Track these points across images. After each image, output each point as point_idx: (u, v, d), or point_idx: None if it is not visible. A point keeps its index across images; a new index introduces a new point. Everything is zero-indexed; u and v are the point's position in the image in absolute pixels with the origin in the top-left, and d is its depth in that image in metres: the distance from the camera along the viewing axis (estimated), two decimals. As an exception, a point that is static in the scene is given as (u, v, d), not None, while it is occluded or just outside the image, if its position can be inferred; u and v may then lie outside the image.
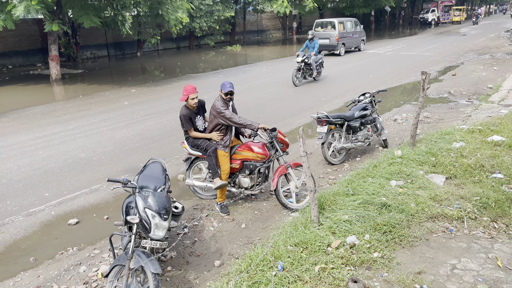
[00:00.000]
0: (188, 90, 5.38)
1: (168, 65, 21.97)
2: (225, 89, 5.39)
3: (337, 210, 4.90)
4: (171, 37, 28.28)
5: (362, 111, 7.41)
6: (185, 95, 5.37)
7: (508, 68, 15.77)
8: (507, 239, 4.26)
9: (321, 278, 3.72)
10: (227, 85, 5.43)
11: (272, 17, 40.58)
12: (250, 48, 30.39)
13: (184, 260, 4.54)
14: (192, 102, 5.39)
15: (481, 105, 10.24)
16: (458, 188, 5.35)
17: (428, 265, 3.88)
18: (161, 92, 14.07)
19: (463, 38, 29.20)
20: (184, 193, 6.37)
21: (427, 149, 6.61)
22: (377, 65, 18.31)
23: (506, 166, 5.84)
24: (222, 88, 5.46)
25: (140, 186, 4.07)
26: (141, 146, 8.33)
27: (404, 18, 52.67)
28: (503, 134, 7.18)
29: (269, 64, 20.59)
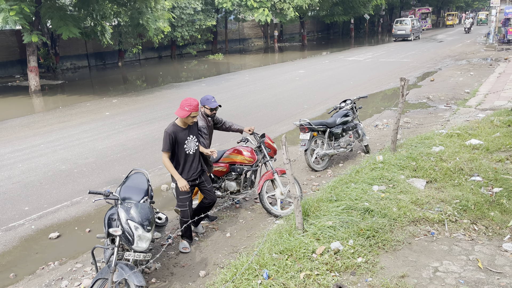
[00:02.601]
0: (192, 105, 4.41)
1: (150, 75, 21.85)
2: (212, 104, 4.96)
3: (321, 216, 4.92)
4: (153, 47, 28.16)
5: (344, 118, 7.50)
6: (187, 111, 4.40)
7: (484, 73, 16.20)
8: (487, 241, 4.35)
9: (306, 285, 3.73)
10: (211, 99, 5.00)
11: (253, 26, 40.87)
12: (232, 56, 30.49)
13: (169, 272, 4.49)
14: (191, 121, 4.56)
15: (459, 109, 10.48)
16: (439, 192, 5.45)
17: (411, 269, 3.93)
18: (143, 101, 13.98)
19: (440, 44, 29.91)
20: (168, 203, 6.32)
21: (407, 154, 6.73)
22: (357, 72, 18.58)
23: (484, 169, 5.98)
24: (206, 103, 4.98)
25: (122, 197, 4.03)
26: (123, 157, 8.24)
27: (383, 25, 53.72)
28: (481, 138, 7.36)
29: (251, 72, 20.68)
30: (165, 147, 4.50)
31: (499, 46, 25.46)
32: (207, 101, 5.01)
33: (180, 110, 4.45)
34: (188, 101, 4.44)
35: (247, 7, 28.36)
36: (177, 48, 30.98)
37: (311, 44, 38.14)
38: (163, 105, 13.11)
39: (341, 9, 36.10)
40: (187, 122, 4.56)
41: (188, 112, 4.42)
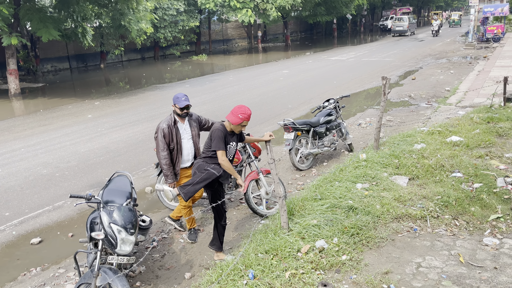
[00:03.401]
0: (246, 114, 4.27)
1: (133, 76, 21.65)
2: (180, 103, 4.65)
3: (306, 215, 4.94)
4: (136, 48, 27.92)
5: (327, 117, 7.56)
6: (240, 119, 4.26)
7: (464, 71, 16.51)
8: (468, 236, 4.44)
9: (292, 284, 3.74)
10: (181, 98, 4.69)
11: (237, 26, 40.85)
12: (216, 57, 30.42)
13: (154, 274, 4.46)
14: (239, 130, 4.42)
15: (439, 107, 10.66)
16: (421, 188, 5.54)
17: (394, 265, 3.98)
18: (126, 103, 13.83)
19: (421, 43, 30.36)
20: (152, 206, 6.26)
21: (390, 152, 6.81)
22: (340, 72, 18.74)
23: (464, 165, 6.09)
24: (175, 101, 4.70)
25: (105, 201, 3.97)
26: (106, 160, 8.14)
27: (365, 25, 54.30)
28: (461, 135, 7.50)
29: (235, 73, 20.67)
30: (221, 146, 4.28)
31: (478, 44, 25.99)
32: (176, 99, 4.77)
33: (232, 115, 4.27)
34: (242, 108, 4.27)
35: (230, 7, 28.34)
36: (160, 49, 30.76)
37: (295, 44, 38.31)
38: (147, 107, 12.99)
39: (324, 9, 36.35)
40: (234, 130, 4.40)
41: (241, 120, 4.26)
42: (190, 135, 4.92)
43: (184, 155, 4.86)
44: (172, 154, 4.76)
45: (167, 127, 4.68)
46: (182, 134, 4.83)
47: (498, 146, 7.00)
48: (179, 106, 4.65)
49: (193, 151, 4.97)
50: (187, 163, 4.93)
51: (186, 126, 4.91)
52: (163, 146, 4.67)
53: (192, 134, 4.92)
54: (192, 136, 4.93)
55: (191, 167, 4.88)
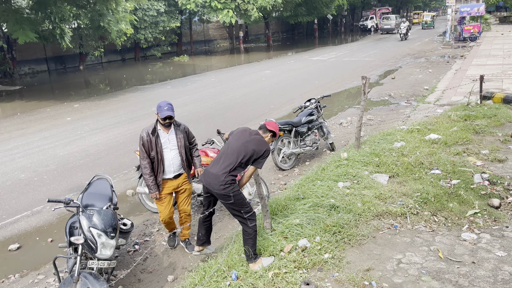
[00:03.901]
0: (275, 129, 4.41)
1: (113, 78, 21.38)
2: (162, 113, 4.37)
3: (288, 215, 4.97)
4: (116, 49, 27.58)
5: (309, 117, 7.60)
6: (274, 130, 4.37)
7: (441, 70, 16.84)
8: (446, 231, 4.53)
9: (275, 283, 3.75)
10: (164, 107, 4.39)
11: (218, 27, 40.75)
12: (198, 58, 30.29)
13: (136, 278, 4.41)
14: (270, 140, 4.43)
15: (418, 106, 10.85)
16: (401, 186, 5.62)
17: (376, 262, 4.03)
18: (107, 105, 13.65)
19: (400, 43, 30.84)
20: (134, 209, 6.20)
21: (371, 150, 6.90)
22: (322, 72, 18.89)
23: (443, 162, 6.21)
24: (158, 110, 4.43)
25: (84, 204, 3.92)
26: (86, 163, 8.02)
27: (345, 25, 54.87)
28: (439, 132, 7.65)
29: (217, 73, 20.61)
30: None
31: (455, 44, 26.53)
32: (159, 108, 4.43)
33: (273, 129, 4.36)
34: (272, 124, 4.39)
35: (211, 8, 28.27)
36: (141, 50, 30.47)
37: (277, 44, 38.44)
38: (127, 109, 12.84)
39: (305, 9, 36.61)
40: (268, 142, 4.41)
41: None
42: (175, 146, 4.55)
43: (166, 166, 4.51)
44: (153, 164, 4.49)
45: (146, 135, 4.42)
46: (165, 143, 4.49)
47: (475, 143, 7.16)
48: (161, 116, 4.40)
49: (178, 162, 4.58)
50: (169, 175, 4.55)
51: (171, 136, 4.54)
52: (143, 154, 4.44)
53: (177, 145, 4.56)
54: (177, 146, 4.56)
55: (175, 179, 4.59)
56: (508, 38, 25.77)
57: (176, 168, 4.58)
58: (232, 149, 4.14)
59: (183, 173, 4.67)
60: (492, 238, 4.31)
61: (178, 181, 4.62)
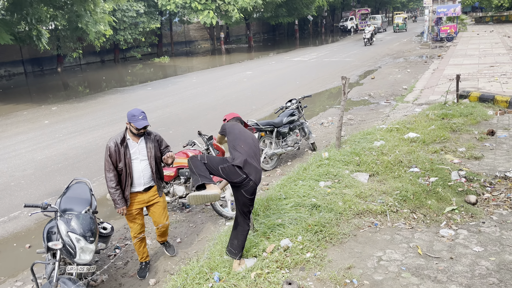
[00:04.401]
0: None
1: (92, 80, 21.06)
2: (137, 123, 4.01)
3: (270, 215, 4.98)
4: (94, 51, 27.18)
5: (290, 117, 7.64)
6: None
7: (420, 69, 17.15)
8: (425, 228, 4.61)
9: (257, 284, 3.75)
10: (138, 116, 4.03)
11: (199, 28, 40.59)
12: (179, 59, 30.10)
13: (117, 283, 4.35)
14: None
15: (397, 105, 11.02)
16: (381, 184, 5.70)
17: (357, 260, 4.07)
18: (86, 108, 13.43)
19: (379, 43, 31.28)
20: (115, 212, 6.10)
21: (351, 150, 6.97)
22: (303, 72, 19.01)
23: (421, 160, 6.32)
24: (131, 120, 4.05)
25: (63, 209, 3.85)
26: (65, 167, 7.87)
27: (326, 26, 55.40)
28: (418, 131, 7.78)
29: (199, 74, 20.53)
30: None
31: (432, 44, 27.07)
32: (132, 117, 4.05)
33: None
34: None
35: (191, 9, 28.14)
36: (121, 51, 30.11)
37: (258, 45, 38.51)
38: (107, 111, 12.67)
39: (285, 10, 36.80)
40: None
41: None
42: (145, 156, 4.19)
43: (135, 178, 4.17)
44: (120, 177, 4.14)
45: (114, 146, 4.06)
46: (134, 154, 4.14)
47: (452, 141, 7.32)
48: (136, 127, 4.02)
49: (149, 173, 4.24)
50: (138, 187, 4.21)
51: (141, 146, 4.19)
52: (109, 166, 4.07)
53: (147, 155, 4.20)
54: (147, 157, 4.20)
55: (145, 192, 4.26)
56: (484, 38, 26.44)
57: (147, 181, 4.24)
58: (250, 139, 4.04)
59: (154, 185, 4.32)
60: (469, 234, 4.40)
61: (149, 194, 4.28)
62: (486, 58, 17.44)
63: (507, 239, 4.24)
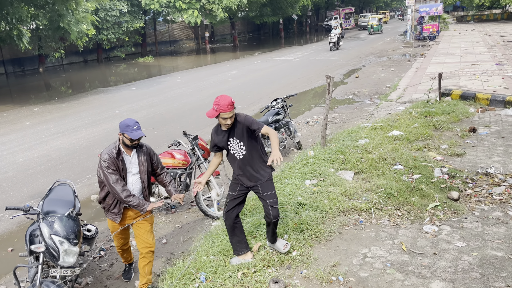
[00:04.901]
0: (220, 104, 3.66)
1: (75, 80, 20.76)
2: (132, 133, 3.74)
3: (257, 214, 4.99)
4: (77, 51, 26.80)
5: (275, 116, 7.66)
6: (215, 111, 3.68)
7: (403, 68, 17.36)
8: (409, 225, 4.67)
9: (244, 283, 3.75)
10: (132, 126, 3.76)
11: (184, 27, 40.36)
12: (163, 58, 29.88)
13: (102, 285, 4.30)
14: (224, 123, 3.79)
15: (381, 103, 11.14)
16: (365, 182, 5.76)
17: (342, 257, 4.11)
18: (68, 109, 13.24)
19: (363, 42, 31.59)
20: (99, 214, 6.04)
21: (336, 148, 7.02)
22: (288, 71, 19.06)
23: (405, 158, 6.41)
24: (124, 130, 3.77)
25: (45, 211, 3.78)
26: (48, 169, 7.74)
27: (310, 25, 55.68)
28: (401, 129, 7.89)
29: (184, 74, 20.41)
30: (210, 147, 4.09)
31: (415, 43, 27.44)
32: (126, 128, 3.77)
33: (211, 109, 3.70)
34: (218, 98, 3.65)
35: (175, 8, 27.96)
36: (104, 51, 29.74)
37: (243, 45, 38.48)
38: (90, 112, 12.51)
39: (270, 10, 36.85)
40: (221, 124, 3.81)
41: (217, 112, 3.65)
42: (137, 170, 3.95)
43: None
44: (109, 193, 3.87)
45: (109, 159, 3.78)
46: (128, 168, 3.91)
47: (435, 138, 7.43)
48: (131, 138, 3.76)
49: (139, 188, 3.97)
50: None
51: (133, 159, 3.95)
52: (114, 177, 3.76)
53: (139, 169, 3.95)
54: (139, 171, 3.95)
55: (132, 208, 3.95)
56: (465, 37, 26.91)
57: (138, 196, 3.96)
58: None
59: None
60: (452, 230, 4.48)
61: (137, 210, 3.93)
62: (468, 56, 17.76)
63: (489, 234, 4.33)
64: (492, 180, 5.58)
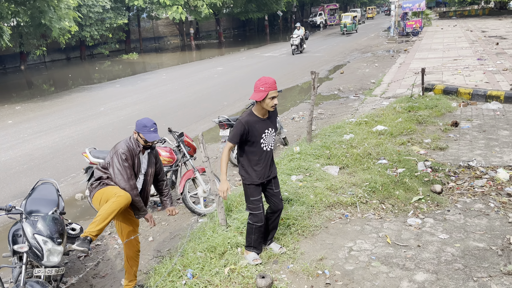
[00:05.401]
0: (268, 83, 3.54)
1: (58, 78, 20.43)
2: (148, 135, 3.67)
3: (243, 211, 4.99)
4: (60, 48, 26.36)
5: (261, 112, 7.66)
6: (263, 92, 3.52)
7: (387, 64, 17.54)
8: (393, 218, 4.74)
9: (231, 279, 3.76)
10: (149, 127, 3.68)
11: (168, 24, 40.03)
12: (148, 55, 29.60)
13: (88, 284, 4.27)
14: (271, 105, 3.59)
15: (366, 99, 11.24)
16: (350, 176, 5.82)
17: (328, 251, 4.15)
18: (51, 107, 13.03)
19: (348, 38, 31.78)
20: (84, 213, 5.98)
21: (322, 143, 7.07)
22: (274, 67, 19.08)
23: (389, 152, 6.48)
24: (141, 130, 3.70)
25: (28, 211, 3.73)
26: (31, 168, 7.62)
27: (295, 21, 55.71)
28: (385, 124, 7.97)
29: (168, 71, 20.27)
30: (232, 138, 3.65)
31: (399, 38, 27.73)
32: (143, 128, 3.68)
33: (255, 93, 3.55)
34: (262, 80, 3.52)
35: (159, 4, 27.71)
36: (87, 48, 29.33)
37: (228, 41, 38.35)
38: (74, 110, 12.33)
39: (255, 6, 36.79)
40: (266, 108, 3.61)
41: (265, 92, 3.49)
42: (145, 171, 3.90)
43: None
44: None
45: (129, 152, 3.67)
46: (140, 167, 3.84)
47: (418, 133, 7.54)
48: (148, 139, 3.67)
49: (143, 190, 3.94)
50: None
51: (144, 159, 3.88)
52: (130, 172, 3.64)
53: (147, 171, 3.90)
54: (146, 173, 3.90)
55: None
56: (448, 33, 27.29)
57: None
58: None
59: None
60: (435, 222, 4.56)
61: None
62: (450, 52, 18.02)
63: (471, 226, 4.42)
64: (474, 173, 5.70)
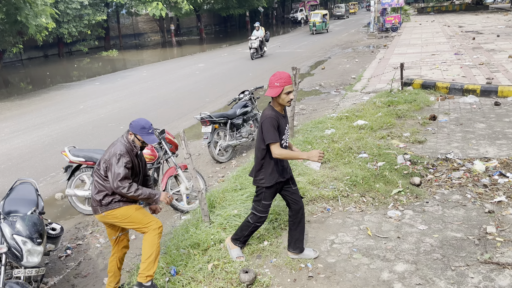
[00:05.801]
0: (283, 78, 3.45)
1: (35, 76, 20.00)
2: (148, 137, 3.55)
3: (226, 206, 5.01)
4: (37, 45, 25.79)
5: (243, 108, 7.68)
6: (279, 87, 3.45)
7: (367, 59, 17.73)
8: (374, 210, 4.83)
9: (215, 274, 3.78)
10: (147, 129, 3.55)
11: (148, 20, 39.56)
12: (128, 52, 29.21)
13: (69, 284, 4.22)
14: (287, 100, 3.52)
15: (347, 94, 11.36)
16: (332, 171, 5.89)
17: (311, 244, 4.20)
18: (29, 105, 12.76)
19: (328, 34, 31.95)
20: (65, 212, 5.90)
21: (304, 138, 7.13)
22: (256, 64, 19.07)
23: (369, 146, 6.58)
24: (139, 132, 3.53)
25: (7, 211, 3.66)
26: (9, 168, 7.46)
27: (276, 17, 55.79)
28: (366, 119, 8.08)
29: (149, 68, 20.06)
30: (272, 137, 3.44)
31: (379, 34, 28.04)
32: (141, 130, 3.53)
33: (270, 89, 3.47)
34: (276, 75, 3.44)
35: (139, 0, 27.34)
36: (65, 45, 28.77)
37: (209, 37, 38.14)
38: (52, 108, 12.10)
39: (236, 2, 36.65)
40: (283, 104, 3.53)
41: (280, 87, 3.41)
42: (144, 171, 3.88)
43: None
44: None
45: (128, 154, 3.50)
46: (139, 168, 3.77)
47: (397, 126, 7.67)
48: (147, 142, 3.56)
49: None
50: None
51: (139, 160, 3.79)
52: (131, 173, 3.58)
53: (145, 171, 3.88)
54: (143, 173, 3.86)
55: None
56: (426, 28, 27.73)
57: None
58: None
59: None
60: (414, 214, 4.66)
61: None
62: (428, 47, 18.33)
63: (449, 216, 4.53)
64: (452, 165, 5.84)
